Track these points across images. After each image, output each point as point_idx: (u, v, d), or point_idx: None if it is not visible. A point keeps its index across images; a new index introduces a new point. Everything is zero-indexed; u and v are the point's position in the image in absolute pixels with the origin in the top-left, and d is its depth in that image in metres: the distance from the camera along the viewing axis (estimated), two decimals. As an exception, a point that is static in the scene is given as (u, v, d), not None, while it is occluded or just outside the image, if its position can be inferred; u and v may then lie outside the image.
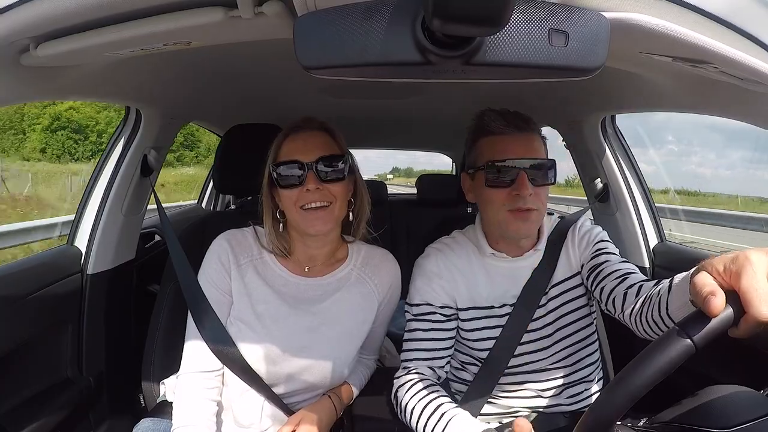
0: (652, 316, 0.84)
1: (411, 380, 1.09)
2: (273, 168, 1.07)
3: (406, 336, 1.16)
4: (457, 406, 1.00)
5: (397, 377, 1.14)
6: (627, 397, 0.55)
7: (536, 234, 1.14)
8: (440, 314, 1.12)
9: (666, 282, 0.82)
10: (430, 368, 1.13)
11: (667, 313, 0.79)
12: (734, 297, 0.54)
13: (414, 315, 1.14)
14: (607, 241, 1.14)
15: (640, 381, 0.55)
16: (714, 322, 0.54)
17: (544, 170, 1.04)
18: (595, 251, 1.11)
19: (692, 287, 0.59)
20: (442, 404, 1.01)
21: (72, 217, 1.65)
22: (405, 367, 1.14)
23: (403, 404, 1.06)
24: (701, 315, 0.55)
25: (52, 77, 0.97)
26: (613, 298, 0.98)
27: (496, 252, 1.12)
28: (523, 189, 1.01)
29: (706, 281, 0.56)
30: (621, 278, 0.99)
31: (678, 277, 0.78)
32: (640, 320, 0.88)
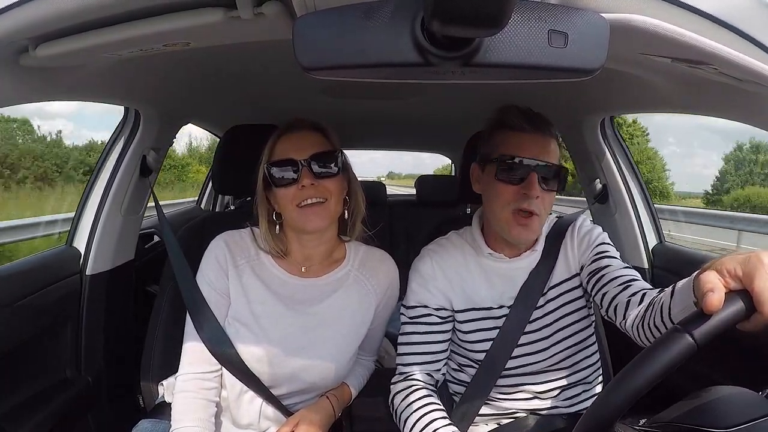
0: (654, 322, 0.83)
1: (408, 388, 1.09)
2: (267, 168, 1.08)
3: (402, 339, 1.15)
4: (450, 423, 1.01)
5: (394, 383, 1.14)
6: (628, 397, 0.55)
7: None
8: (436, 316, 1.12)
9: (669, 288, 0.82)
10: (428, 374, 1.12)
11: (669, 318, 0.78)
12: (743, 296, 0.55)
13: (410, 318, 1.14)
14: (609, 243, 1.13)
15: (641, 380, 0.55)
16: (715, 320, 0.54)
17: (556, 175, 1.04)
18: (596, 254, 1.10)
19: (696, 284, 0.60)
20: (435, 420, 1.01)
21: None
22: (402, 373, 1.14)
23: (399, 412, 1.07)
24: (702, 313, 0.55)
25: (51, 78, 0.97)
26: (615, 305, 0.97)
27: (493, 252, 1.12)
28: (531, 189, 1.00)
29: (709, 278, 0.57)
30: (624, 285, 0.98)
31: (681, 282, 0.78)
32: (642, 327, 0.87)
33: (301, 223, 1.07)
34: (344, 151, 1.15)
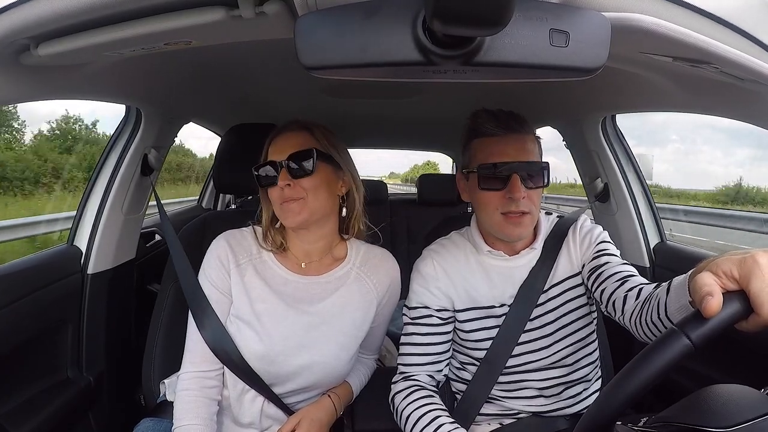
0: (651, 318, 0.83)
1: (409, 388, 1.10)
2: (255, 171, 1.12)
3: (404, 339, 1.16)
4: (454, 421, 1.01)
5: (394, 382, 1.14)
6: (626, 397, 0.55)
7: (532, 233, 1.14)
8: (437, 317, 1.13)
9: (665, 284, 0.82)
10: (429, 374, 1.13)
11: (666, 315, 0.79)
12: (740, 297, 0.55)
13: (411, 318, 1.15)
14: (609, 242, 1.14)
15: (640, 381, 0.55)
16: (713, 321, 0.54)
17: (538, 172, 1.04)
18: (597, 252, 1.10)
19: (692, 286, 0.59)
20: (439, 417, 1.02)
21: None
22: (402, 373, 1.14)
23: (400, 411, 1.07)
24: (700, 315, 0.55)
25: (52, 77, 0.97)
26: (613, 301, 0.98)
27: (492, 250, 1.13)
28: (515, 192, 1.01)
29: (706, 281, 0.57)
30: (621, 281, 0.99)
31: (677, 279, 0.78)
32: (640, 323, 0.88)
33: (283, 219, 1.11)
34: (348, 150, 1.16)
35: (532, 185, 1.03)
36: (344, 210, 1.17)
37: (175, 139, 1.84)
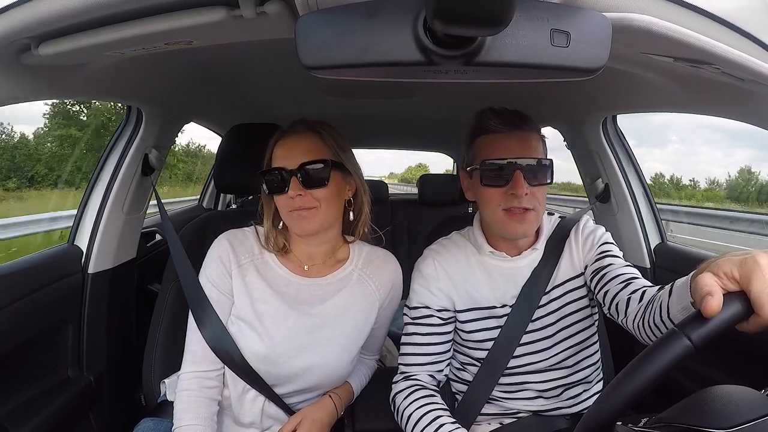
0: (653, 320, 0.83)
1: (410, 387, 1.10)
2: (261, 176, 1.09)
3: (405, 339, 1.16)
4: (455, 421, 1.01)
5: (396, 382, 1.14)
6: (627, 398, 0.55)
7: (534, 233, 1.14)
8: (438, 317, 1.13)
9: (668, 287, 0.82)
10: (429, 374, 1.13)
11: (669, 317, 0.78)
12: (741, 297, 0.55)
13: (412, 318, 1.14)
14: (612, 243, 1.13)
15: (640, 382, 0.55)
16: (713, 322, 0.54)
17: (541, 170, 1.04)
18: (600, 253, 1.10)
19: (693, 286, 0.60)
20: (440, 417, 1.01)
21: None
22: (403, 373, 1.14)
23: (401, 410, 1.07)
24: (700, 316, 0.55)
25: (52, 77, 0.97)
26: (617, 303, 0.97)
27: (494, 251, 1.12)
28: (518, 188, 1.00)
29: (706, 281, 0.57)
30: (625, 283, 0.98)
31: (680, 281, 0.78)
32: (642, 326, 0.87)
33: (291, 227, 1.09)
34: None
35: (536, 182, 1.03)
36: (351, 214, 1.15)
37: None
